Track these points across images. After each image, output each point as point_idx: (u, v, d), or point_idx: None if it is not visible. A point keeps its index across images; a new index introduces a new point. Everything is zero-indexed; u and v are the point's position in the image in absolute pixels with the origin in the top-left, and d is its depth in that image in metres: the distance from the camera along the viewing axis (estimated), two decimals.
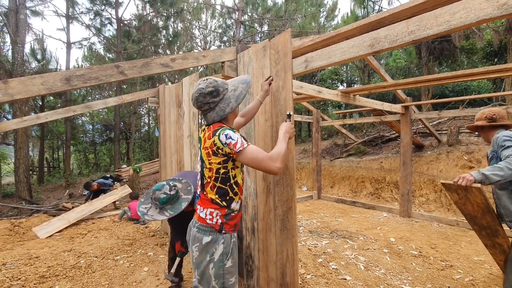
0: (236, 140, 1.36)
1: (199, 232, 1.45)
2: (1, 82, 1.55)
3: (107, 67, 1.85)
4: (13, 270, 3.06)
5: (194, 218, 1.55)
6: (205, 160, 1.44)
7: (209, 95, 1.44)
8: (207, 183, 1.46)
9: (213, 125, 1.45)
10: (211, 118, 1.47)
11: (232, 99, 1.47)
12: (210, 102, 1.45)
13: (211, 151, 1.40)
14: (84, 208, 5.51)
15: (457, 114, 4.79)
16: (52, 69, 12.61)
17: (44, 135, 13.50)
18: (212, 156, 1.41)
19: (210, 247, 1.42)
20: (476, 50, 9.24)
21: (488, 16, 1.19)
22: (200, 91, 1.45)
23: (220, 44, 16.78)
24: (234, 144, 1.35)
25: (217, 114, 1.46)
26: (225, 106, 1.46)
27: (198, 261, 1.44)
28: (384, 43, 1.50)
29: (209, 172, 1.44)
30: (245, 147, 1.37)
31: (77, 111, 4.14)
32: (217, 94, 1.45)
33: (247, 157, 1.37)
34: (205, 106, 1.46)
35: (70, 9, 11.99)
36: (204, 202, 1.48)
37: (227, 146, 1.36)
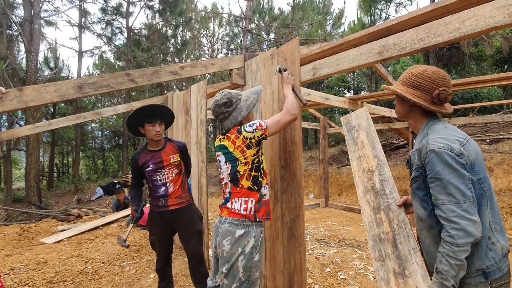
0: (257, 122, 1.55)
1: (231, 226, 1.55)
2: (16, 89, 1.60)
3: (118, 75, 1.89)
4: (21, 275, 3.09)
5: (221, 216, 1.65)
6: (240, 157, 1.57)
7: (223, 106, 1.64)
8: (242, 176, 1.58)
9: (233, 129, 1.62)
10: (226, 126, 1.67)
11: (243, 108, 1.66)
12: (225, 111, 1.65)
13: (245, 146, 1.55)
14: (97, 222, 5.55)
15: (467, 121, 4.72)
16: (64, 77, 12.94)
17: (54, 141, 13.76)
18: (247, 150, 1.56)
19: (242, 240, 1.52)
20: (485, 57, 9.14)
21: (499, 24, 1.18)
22: (216, 103, 1.65)
23: (227, 52, 17.00)
24: (259, 125, 1.54)
25: (231, 122, 1.65)
26: (237, 114, 1.65)
27: (229, 254, 1.52)
28: (393, 50, 1.50)
29: (245, 166, 1.58)
30: (266, 121, 1.58)
31: (87, 118, 4.22)
32: (230, 104, 1.65)
33: (274, 125, 1.58)
34: (220, 115, 1.66)
35: (82, 19, 12.36)
36: (237, 194, 1.60)
37: (257, 131, 1.53)
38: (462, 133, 1.15)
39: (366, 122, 1.94)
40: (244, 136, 1.55)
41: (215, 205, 7.70)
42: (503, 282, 1.04)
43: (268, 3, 14.68)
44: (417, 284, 1.25)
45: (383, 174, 1.68)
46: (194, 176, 3.50)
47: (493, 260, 1.03)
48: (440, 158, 1.05)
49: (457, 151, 1.04)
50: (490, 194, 1.08)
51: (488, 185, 1.09)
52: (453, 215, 1.00)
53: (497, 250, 1.04)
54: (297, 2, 13.97)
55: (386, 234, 1.48)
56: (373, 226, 1.56)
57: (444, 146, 1.06)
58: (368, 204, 1.65)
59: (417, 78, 1.21)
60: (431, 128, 1.19)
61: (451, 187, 1.02)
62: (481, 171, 1.08)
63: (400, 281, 1.32)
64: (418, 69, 1.24)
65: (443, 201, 1.04)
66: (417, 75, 1.21)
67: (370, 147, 1.83)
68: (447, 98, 1.18)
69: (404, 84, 1.26)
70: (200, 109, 3.24)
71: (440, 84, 1.17)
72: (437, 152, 1.06)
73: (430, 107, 1.19)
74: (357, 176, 1.84)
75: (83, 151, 15.94)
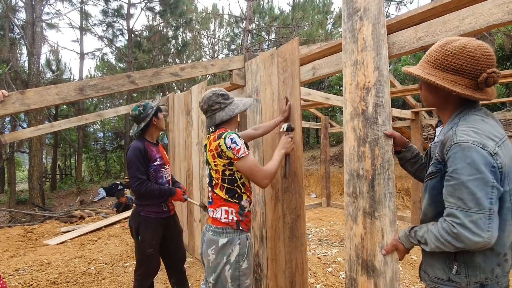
0: (240, 146, 1.44)
1: (215, 234, 1.49)
2: (18, 92, 1.61)
3: (118, 77, 1.90)
4: (25, 276, 3.11)
5: (207, 222, 1.59)
6: (211, 162, 1.52)
7: (221, 96, 1.58)
8: (216, 184, 1.53)
9: (219, 130, 1.53)
10: (219, 117, 1.56)
11: (240, 104, 1.62)
12: (221, 102, 1.58)
13: (216, 153, 1.47)
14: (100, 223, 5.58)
15: None
16: (66, 79, 13.01)
17: (57, 143, 13.85)
18: (217, 158, 1.48)
19: (226, 249, 1.46)
20: None
21: (498, 21, 1.18)
22: (214, 92, 1.58)
23: (228, 52, 17.02)
24: (237, 150, 1.43)
25: (226, 113, 1.56)
26: (234, 108, 1.59)
27: (215, 264, 1.46)
28: (392, 49, 1.50)
29: (215, 173, 1.51)
30: (247, 154, 1.46)
31: (89, 120, 4.25)
32: (227, 97, 1.61)
33: (246, 165, 1.45)
34: (216, 105, 1.57)
35: (83, 21, 12.44)
36: (216, 202, 1.55)
37: (231, 151, 1.43)
38: (501, 131, 0.94)
39: (377, 7, 1.42)
40: (219, 143, 1.45)
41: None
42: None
43: (268, 3, 14.69)
44: (383, 227, 1.24)
45: (381, 97, 1.34)
46: (196, 177, 3.51)
47: (496, 275, 0.93)
48: (464, 154, 0.86)
49: (490, 149, 0.85)
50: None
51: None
52: (457, 221, 0.86)
53: (506, 267, 0.94)
54: (297, 1, 13.96)
55: (366, 171, 1.36)
56: (353, 159, 1.42)
57: (475, 141, 0.86)
58: (354, 132, 1.44)
59: (456, 60, 0.93)
60: (463, 118, 0.97)
61: (465, 192, 0.85)
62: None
63: (368, 221, 1.30)
64: (455, 45, 0.95)
65: (450, 204, 0.89)
66: (456, 55, 0.93)
67: (373, 52, 1.40)
68: (496, 82, 0.93)
69: (437, 68, 0.98)
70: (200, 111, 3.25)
71: (487, 64, 0.92)
72: (464, 147, 0.86)
73: (475, 95, 0.93)
74: (348, 91, 1.50)
75: (85, 152, 16.02)
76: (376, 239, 1.26)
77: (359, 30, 1.48)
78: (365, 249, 1.29)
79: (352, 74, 1.49)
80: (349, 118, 1.48)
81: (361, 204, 1.36)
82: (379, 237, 1.25)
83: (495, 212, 0.83)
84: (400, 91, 3.81)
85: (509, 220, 0.90)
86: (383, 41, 1.39)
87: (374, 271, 1.23)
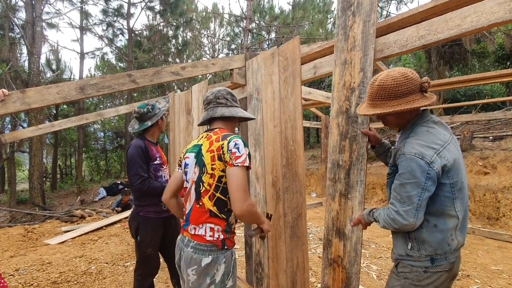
0: (241, 154, 1.29)
1: (197, 252, 1.31)
2: (18, 91, 1.61)
3: (119, 76, 1.90)
4: (26, 276, 3.11)
5: (184, 235, 1.40)
6: (208, 165, 1.33)
7: (230, 95, 1.53)
8: (206, 191, 1.33)
9: (220, 130, 1.43)
10: (221, 112, 1.47)
11: (244, 112, 1.57)
12: (229, 99, 1.51)
13: (217, 154, 1.31)
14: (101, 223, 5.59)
15: (470, 118, 4.70)
16: (66, 78, 13.01)
17: (57, 142, 13.85)
18: (217, 161, 1.31)
19: (210, 269, 1.29)
20: (487, 54, 9.09)
21: (500, 20, 1.17)
22: (226, 89, 1.53)
23: (228, 52, 17.01)
24: (237, 156, 1.28)
25: (229, 111, 1.48)
26: (238, 111, 1.52)
27: (196, 285, 1.30)
28: (393, 48, 1.49)
29: (210, 178, 1.32)
30: (245, 165, 1.28)
31: (89, 119, 4.25)
32: (236, 100, 1.56)
33: (237, 176, 1.26)
34: (222, 99, 1.50)
35: (84, 21, 12.42)
36: (201, 215, 1.34)
37: (229, 154, 1.29)
38: (444, 138, 1.17)
39: (369, 3, 1.46)
40: (222, 145, 1.31)
41: None
42: (443, 270, 1.17)
43: (269, 3, 14.67)
44: (353, 206, 1.56)
45: (363, 98, 1.48)
46: None
47: (445, 251, 1.17)
48: (407, 164, 1.14)
49: (427, 159, 1.11)
50: (462, 197, 1.18)
51: (459, 189, 1.17)
52: (394, 209, 1.18)
53: (453, 245, 1.17)
54: (298, 1, 13.95)
55: (344, 162, 1.61)
56: (335, 151, 1.66)
57: (416, 153, 1.13)
58: (338, 128, 1.65)
59: (403, 85, 1.17)
60: (414, 131, 1.23)
61: (403, 190, 1.15)
62: (455, 176, 1.15)
63: (343, 200, 1.62)
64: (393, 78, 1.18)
65: (394, 196, 1.21)
66: (401, 83, 1.17)
67: (361, 52, 1.50)
68: (429, 86, 1.19)
69: (395, 98, 1.19)
70: (202, 109, 3.25)
71: (415, 76, 1.19)
72: (407, 157, 1.15)
73: (427, 102, 1.16)
74: (335, 90, 1.62)
75: (85, 152, 16.02)
76: (347, 214, 1.59)
77: (351, 27, 1.56)
78: (339, 220, 1.64)
79: (341, 74, 1.61)
80: (335, 115, 1.66)
81: (338, 187, 1.64)
82: (350, 213, 1.58)
83: (422, 206, 1.13)
84: None
85: (449, 206, 1.16)
86: (371, 42, 1.48)
87: (344, 236, 1.61)
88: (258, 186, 2.33)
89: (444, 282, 1.18)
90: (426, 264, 1.17)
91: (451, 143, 1.18)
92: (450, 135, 1.22)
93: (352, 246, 1.56)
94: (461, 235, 1.20)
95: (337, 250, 1.64)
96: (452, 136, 1.23)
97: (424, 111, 1.27)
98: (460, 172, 1.17)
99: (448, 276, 1.19)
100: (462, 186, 1.18)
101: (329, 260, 1.69)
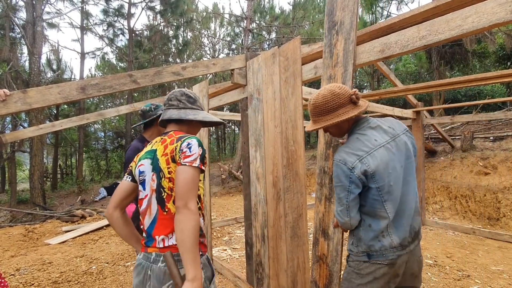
0: (192, 153, 1.17)
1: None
2: (20, 91, 1.61)
3: (120, 76, 1.90)
4: (26, 276, 3.12)
5: (149, 252, 1.21)
6: (164, 169, 1.22)
7: (185, 96, 1.39)
8: (168, 196, 1.22)
9: (175, 132, 1.31)
10: (169, 114, 1.34)
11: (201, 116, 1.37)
12: (182, 101, 1.37)
13: (171, 157, 1.22)
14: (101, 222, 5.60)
15: (470, 119, 4.69)
16: (66, 78, 13.02)
17: (58, 142, 13.86)
18: (171, 163, 1.22)
19: None
20: (488, 54, 9.08)
21: (501, 20, 1.17)
22: (182, 90, 1.40)
23: (228, 52, 17.01)
24: (187, 155, 1.17)
25: (178, 114, 1.33)
26: (190, 114, 1.35)
27: None
28: (394, 48, 1.50)
29: (169, 183, 1.22)
30: (193, 166, 1.16)
31: (90, 119, 4.24)
32: (193, 101, 1.40)
33: (186, 175, 1.14)
34: (174, 101, 1.37)
35: (84, 21, 12.42)
36: (169, 223, 1.20)
37: (181, 153, 1.19)
38: (373, 143, 1.26)
39: (350, 21, 1.58)
40: (177, 146, 1.21)
41: (218, 205, 7.71)
42: (381, 263, 1.25)
43: (269, 3, 14.67)
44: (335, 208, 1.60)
45: None
46: None
47: (379, 248, 1.25)
48: (335, 169, 1.29)
49: (349, 165, 1.23)
50: (393, 199, 1.24)
51: (388, 192, 1.23)
52: (335, 209, 1.35)
53: (385, 242, 1.25)
54: (298, 1, 13.94)
55: (329, 168, 1.76)
56: (322, 158, 1.80)
57: (340, 159, 1.27)
58: (324, 138, 1.80)
59: (331, 101, 1.29)
60: (348, 138, 1.37)
61: (336, 193, 1.31)
62: (380, 180, 1.23)
63: (327, 203, 1.76)
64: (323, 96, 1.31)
65: (335, 197, 1.36)
66: (329, 99, 1.30)
67: (342, 68, 1.61)
68: (360, 97, 1.31)
69: (330, 112, 1.31)
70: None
71: (345, 89, 1.31)
72: (335, 163, 1.30)
73: (358, 110, 1.28)
74: None
75: (86, 152, 16.03)
76: (331, 216, 1.74)
77: (335, 45, 1.69)
78: (324, 222, 1.77)
79: None
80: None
81: (324, 192, 1.78)
82: (333, 216, 1.72)
83: (351, 206, 1.26)
84: (401, 91, 3.80)
85: (378, 208, 1.25)
86: (351, 58, 1.59)
87: (327, 236, 1.75)
88: (258, 186, 2.33)
89: (385, 275, 1.26)
90: (363, 259, 1.29)
91: (383, 147, 1.26)
92: (390, 138, 1.29)
93: (334, 246, 1.70)
94: (396, 234, 1.26)
95: (322, 249, 1.78)
96: (394, 138, 1.30)
97: (360, 119, 1.36)
98: (388, 176, 1.23)
99: (389, 271, 1.26)
100: (390, 189, 1.23)
101: (316, 257, 1.83)
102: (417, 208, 1.34)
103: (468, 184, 5.42)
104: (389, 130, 1.32)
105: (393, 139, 1.30)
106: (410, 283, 1.36)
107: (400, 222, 1.27)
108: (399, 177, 1.26)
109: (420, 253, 1.38)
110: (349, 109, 1.29)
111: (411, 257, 1.31)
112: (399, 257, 1.26)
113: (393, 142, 1.29)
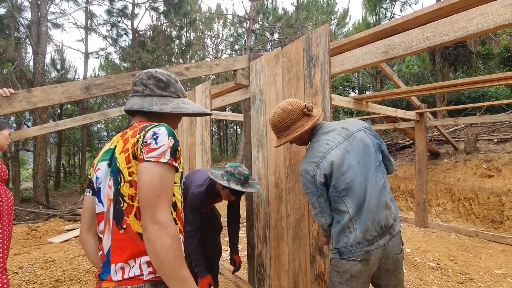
0: (158, 146, 0.86)
1: None
2: (25, 91, 1.63)
3: (124, 76, 1.91)
4: (29, 274, 3.14)
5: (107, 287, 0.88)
6: (124, 169, 0.90)
7: (153, 80, 1.05)
8: (129, 207, 0.89)
9: (139, 123, 1.00)
10: (131, 103, 1.03)
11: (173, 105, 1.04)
12: (148, 86, 1.04)
13: (132, 152, 0.90)
14: None
15: (474, 121, 4.66)
16: (70, 78, 13.10)
17: (61, 141, 13.94)
18: (132, 161, 0.89)
19: None
20: (492, 56, 9.02)
21: (506, 22, 1.17)
22: (149, 72, 1.07)
23: (231, 52, 17.04)
24: (151, 148, 0.86)
25: (141, 103, 1.01)
26: (160, 103, 1.03)
27: None
28: (398, 49, 1.49)
29: (130, 188, 0.89)
30: (161, 161, 0.85)
31: (94, 119, 4.27)
32: (164, 86, 1.06)
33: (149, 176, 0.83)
34: (140, 86, 1.05)
35: (88, 21, 12.51)
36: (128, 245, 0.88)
37: (144, 146, 0.87)
38: (326, 147, 1.35)
39: (323, 55, 1.72)
40: (139, 137, 0.90)
41: (219, 206, 7.71)
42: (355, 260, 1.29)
43: (272, 3, 14.69)
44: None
45: None
46: None
47: (346, 244, 1.30)
48: (301, 179, 1.40)
49: (311, 174, 1.34)
50: (353, 194, 1.30)
51: (345, 188, 1.30)
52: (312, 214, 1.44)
53: (350, 238, 1.30)
54: (301, 2, 13.94)
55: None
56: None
57: (303, 170, 1.38)
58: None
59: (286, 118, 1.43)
60: (308, 148, 1.46)
61: (308, 199, 1.41)
62: (335, 178, 1.31)
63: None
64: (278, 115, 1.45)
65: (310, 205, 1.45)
66: (284, 117, 1.43)
67: (321, 96, 1.74)
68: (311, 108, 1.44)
69: (288, 128, 1.44)
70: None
71: (297, 104, 1.43)
72: (300, 175, 1.41)
73: (312, 120, 1.41)
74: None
75: (89, 151, 16.11)
76: None
77: (313, 76, 1.80)
78: (319, 240, 1.82)
79: None
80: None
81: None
82: None
83: (323, 208, 1.36)
84: (404, 92, 3.79)
85: (340, 203, 1.32)
86: (327, 87, 1.72)
87: (323, 254, 1.80)
88: (260, 187, 2.33)
89: (363, 273, 1.30)
90: (336, 256, 1.35)
91: (337, 148, 1.33)
92: (343, 138, 1.37)
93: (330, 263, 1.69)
94: (359, 229, 1.29)
95: (320, 266, 1.81)
96: (347, 138, 1.36)
97: (316, 125, 1.47)
98: (344, 174, 1.30)
99: (365, 269, 1.29)
100: (349, 186, 1.30)
101: (315, 275, 1.86)
102: (385, 202, 1.33)
103: (472, 186, 5.38)
104: (343, 131, 1.39)
105: (347, 139, 1.36)
106: (386, 279, 1.37)
107: (361, 217, 1.31)
108: (358, 174, 1.31)
109: (399, 251, 1.35)
110: (304, 121, 1.41)
111: (385, 253, 1.31)
112: (370, 254, 1.28)
113: (347, 141, 1.35)
